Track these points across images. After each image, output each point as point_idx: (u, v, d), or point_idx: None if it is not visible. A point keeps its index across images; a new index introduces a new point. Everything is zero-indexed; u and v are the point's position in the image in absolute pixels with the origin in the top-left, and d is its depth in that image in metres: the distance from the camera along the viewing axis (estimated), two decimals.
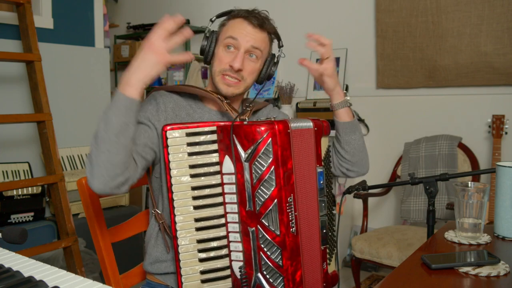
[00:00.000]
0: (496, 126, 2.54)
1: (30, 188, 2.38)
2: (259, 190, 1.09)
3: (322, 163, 1.23)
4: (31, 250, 2.07)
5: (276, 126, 1.09)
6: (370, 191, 2.57)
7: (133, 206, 2.91)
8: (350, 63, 3.24)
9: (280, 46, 1.33)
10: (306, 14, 3.45)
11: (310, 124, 1.20)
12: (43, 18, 2.66)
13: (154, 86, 4.42)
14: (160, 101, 1.23)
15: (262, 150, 1.08)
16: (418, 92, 3.00)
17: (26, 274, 0.79)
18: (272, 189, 1.08)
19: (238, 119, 1.17)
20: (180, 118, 1.24)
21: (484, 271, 0.95)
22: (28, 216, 2.39)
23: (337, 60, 3.26)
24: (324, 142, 1.26)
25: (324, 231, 1.23)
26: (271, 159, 1.08)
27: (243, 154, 1.09)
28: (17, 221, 2.36)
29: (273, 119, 1.12)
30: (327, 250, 1.25)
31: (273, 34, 1.30)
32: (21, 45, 2.43)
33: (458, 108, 2.87)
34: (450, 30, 2.78)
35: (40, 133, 2.35)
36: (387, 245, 2.33)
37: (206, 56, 1.27)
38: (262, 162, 1.08)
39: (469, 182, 1.18)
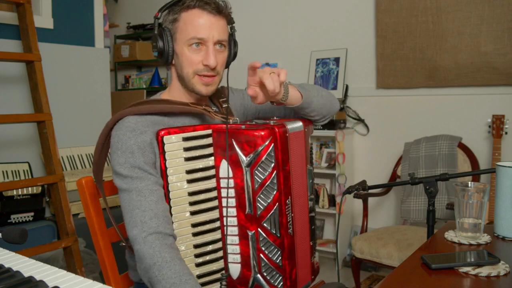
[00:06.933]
0: (496, 126, 2.54)
1: (30, 188, 2.38)
2: (261, 195, 1.08)
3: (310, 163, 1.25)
4: (31, 250, 2.06)
5: (277, 130, 1.07)
6: (370, 191, 2.57)
7: None
8: (350, 63, 3.24)
9: (232, 23, 1.24)
10: (306, 14, 3.45)
11: (301, 124, 1.20)
12: (43, 18, 2.66)
13: (155, 86, 4.42)
14: (132, 143, 1.08)
15: (265, 156, 1.06)
16: (418, 92, 3.00)
17: (26, 274, 0.78)
18: (274, 193, 1.08)
19: (231, 121, 1.15)
20: None
21: (484, 271, 0.95)
22: (28, 216, 2.39)
23: (337, 60, 3.26)
24: (309, 141, 1.28)
25: (313, 227, 1.25)
26: (273, 164, 1.07)
27: (244, 159, 1.07)
28: (17, 221, 2.35)
29: (272, 123, 1.11)
30: (313, 245, 1.27)
31: (228, 17, 1.21)
32: (21, 45, 2.42)
33: (458, 108, 2.87)
34: (450, 30, 2.78)
35: (40, 133, 2.35)
36: (387, 245, 2.33)
37: (167, 57, 1.17)
38: (265, 167, 1.07)
39: (469, 182, 1.18)
